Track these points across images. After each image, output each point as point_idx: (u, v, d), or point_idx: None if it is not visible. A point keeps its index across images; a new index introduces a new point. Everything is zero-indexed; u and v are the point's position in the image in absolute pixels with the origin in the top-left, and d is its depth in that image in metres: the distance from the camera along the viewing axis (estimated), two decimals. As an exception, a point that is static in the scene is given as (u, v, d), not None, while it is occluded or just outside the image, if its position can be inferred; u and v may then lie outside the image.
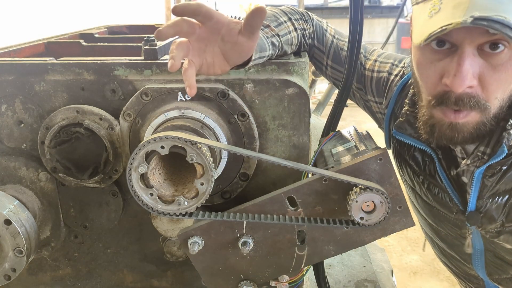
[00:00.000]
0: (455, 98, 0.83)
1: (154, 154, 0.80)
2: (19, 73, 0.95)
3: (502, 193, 0.95)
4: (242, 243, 0.87)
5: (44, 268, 1.09)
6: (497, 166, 0.93)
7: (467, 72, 0.80)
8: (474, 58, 0.81)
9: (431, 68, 0.86)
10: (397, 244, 3.41)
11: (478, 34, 0.79)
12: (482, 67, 0.82)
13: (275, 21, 1.02)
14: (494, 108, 0.86)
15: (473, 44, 0.80)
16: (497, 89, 0.83)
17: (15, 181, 0.99)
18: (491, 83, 0.82)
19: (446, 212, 1.06)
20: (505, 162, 0.92)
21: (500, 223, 0.96)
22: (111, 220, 1.03)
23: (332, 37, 1.16)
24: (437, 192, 1.05)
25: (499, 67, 0.81)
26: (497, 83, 0.82)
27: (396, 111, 1.10)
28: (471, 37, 0.80)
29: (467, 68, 0.80)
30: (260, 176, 0.99)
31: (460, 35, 0.80)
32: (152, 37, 1.00)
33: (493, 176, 0.94)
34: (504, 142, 0.90)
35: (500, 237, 0.99)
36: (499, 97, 0.85)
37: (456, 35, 0.81)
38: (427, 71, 0.88)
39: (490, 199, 0.96)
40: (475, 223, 0.99)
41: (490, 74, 0.82)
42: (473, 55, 0.81)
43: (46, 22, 3.32)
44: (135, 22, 1.77)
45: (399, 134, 1.04)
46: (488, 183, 0.95)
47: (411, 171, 1.09)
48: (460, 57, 0.81)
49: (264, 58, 0.91)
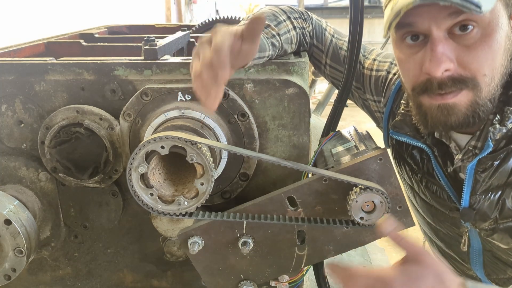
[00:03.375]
0: (437, 84, 0.85)
1: (154, 154, 0.80)
2: (19, 73, 0.95)
3: (495, 188, 0.95)
4: (242, 243, 0.87)
5: (44, 268, 1.09)
6: (488, 161, 0.93)
7: (441, 55, 0.83)
8: (446, 41, 0.84)
9: (410, 62, 0.89)
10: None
11: (442, 19, 0.82)
12: (457, 49, 0.84)
13: (274, 20, 1.02)
14: (486, 85, 0.86)
15: (441, 29, 0.83)
16: (480, 67, 0.84)
17: (15, 181, 0.99)
18: (471, 62, 0.84)
19: (444, 211, 1.06)
20: (497, 157, 0.92)
21: (494, 220, 0.96)
22: (111, 220, 1.03)
23: (331, 36, 1.16)
24: (435, 190, 1.05)
25: (473, 46, 0.83)
26: (477, 61, 0.84)
27: (394, 109, 1.10)
28: (436, 23, 0.83)
29: (440, 51, 0.83)
30: (260, 176, 0.99)
31: (425, 23, 0.83)
32: (152, 37, 1.00)
33: (485, 171, 0.94)
34: (489, 136, 0.90)
35: (494, 236, 0.99)
36: (488, 73, 0.85)
37: (421, 24, 0.84)
38: (407, 65, 0.91)
39: (483, 195, 0.96)
40: (468, 220, 0.99)
41: (466, 53, 0.84)
42: (445, 39, 0.84)
43: (46, 22, 3.32)
44: (135, 22, 1.77)
45: (395, 133, 1.05)
46: (480, 178, 0.95)
47: (410, 169, 1.10)
48: (432, 43, 0.84)
49: (264, 58, 0.91)
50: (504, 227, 0.96)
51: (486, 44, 0.83)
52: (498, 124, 0.90)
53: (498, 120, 0.90)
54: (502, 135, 0.91)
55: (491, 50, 0.84)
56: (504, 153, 0.92)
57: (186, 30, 1.31)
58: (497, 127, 0.90)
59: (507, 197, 0.94)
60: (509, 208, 0.94)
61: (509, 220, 0.95)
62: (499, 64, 0.86)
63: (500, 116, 0.90)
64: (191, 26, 1.59)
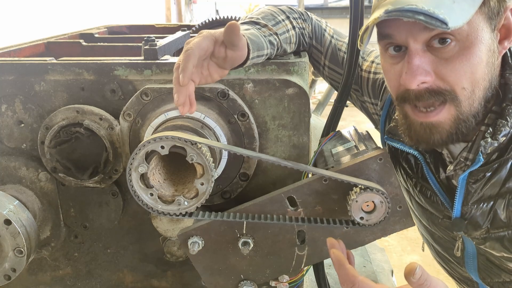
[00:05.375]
0: (414, 95, 0.85)
1: (154, 154, 0.80)
2: (19, 73, 0.95)
3: (487, 199, 0.94)
4: (242, 243, 0.87)
5: (44, 268, 1.09)
6: (480, 173, 0.92)
7: (416, 68, 0.83)
8: (423, 54, 0.83)
9: (391, 71, 0.90)
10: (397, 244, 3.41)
11: (418, 31, 0.82)
12: (435, 62, 0.83)
13: (272, 20, 1.02)
14: (465, 99, 0.85)
15: (418, 42, 0.83)
16: (459, 79, 0.83)
17: (15, 181, 0.99)
18: (449, 74, 0.83)
19: (439, 215, 1.06)
20: (489, 169, 0.92)
21: (485, 229, 0.96)
22: (111, 220, 1.03)
23: (330, 37, 1.16)
24: (429, 195, 1.05)
25: (451, 59, 0.83)
26: (455, 74, 0.83)
27: (391, 113, 1.10)
28: (412, 35, 0.83)
29: (416, 64, 0.83)
30: (260, 176, 0.99)
31: (403, 35, 0.84)
32: (152, 37, 1.00)
33: (477, 182, 0.93)
34: (480, 150, 0.89)
35: (486, 244, 0.98)
36: (467, 87, 0.84)
37: (399, 36, 0.84)
38: (389, 75, 0.91)
39: (475, 205, 0.95)
40: (459, 230, 0.99)
41: (444, 66, 0.83)
42: (422, 51, 0.83)
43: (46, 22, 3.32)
44: (135, 22, 1.77)
45: (389, 139, 1.04)
46: (472, 189, 0.94)
47: (405, 173, 1.09)
48: (409, 55, 0.84)
49: (262, 57, 0.91)
50: (495, 236, 0.96)
51: (465, 57, 0.82)
52: (490, 138, 0.89)
53: (490, 133, 0.89)
54: (493, 148, 0.90)
55: (470, 64, 0.83)
56: (497, 164, 0.91)
57: (186, 30, 1.31)
58: (489, 141, 0.88)
59: (498, 208, 0.93)
60: (500, 219, 0.93)
61: (500, 230, 0.95)
62: (480, 78, 0.85)
63: (492, 129, 0.89)
64: (191, 26, 1.59)
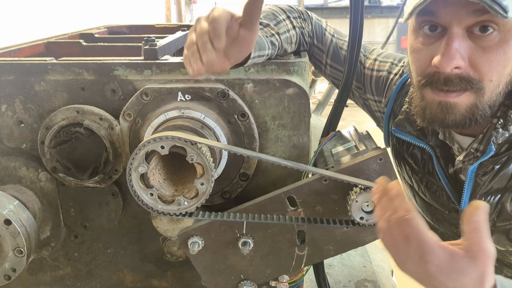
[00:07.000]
0: (444, 79, 0.84)
1: (154, 154, 0.80)
2: (19, 73, 0.95)
3: (495, 192, 0.95)
4: (242, 243, 0.87)
5: (44, 268, 1.09)
6: (489, 165, 0.93)
7: (455, 52, 0.82)
8: (463, 39, 0.83)
9: (423, 51, 0.88)
10: (397, 244, 3.40)
11: (465, 15, 0.81)
12: (472, 48, 0.83)
13: (273, 19, 1.02)
14: (489, 91, 0.85)
15: (461, 26, 0.82)
16: (490, 71, 0.83)
17: (15, 181, 0.99)
18: (483, 65, 0.83)
19: (444, 211, 1.06)
20: (498, 161, 0.92)
21: (492, 222, 0.96)
22: (111, 220, 1.03)
23: (331, 36, 1.16)
24: (435, 190, 1.05)
25: (489, 49, 0.82)
26: (489, 65, 0.83)
27: (395, 109, 1.11)
28: (458, 18, 0.82)
29: (455, 48, 0.82)
30: (260, 176, 0.99)
31: (447, 16, 0.82)
32: (152, 37, 1.00)
33: (486, 174, 0.94)
34: (492, 140, 0.90)
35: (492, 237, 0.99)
36: (494, 79, 0.84)
37: (444, 15, 0.83)
38: (419, 54, 0.89)
39: (482, 198, 0.96)
40: None
41: (480, 55, 0.83)
42: (462, 37, 0.83)
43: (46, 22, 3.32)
44: (135, 22, 1.77)
45: (398, 131, 1.05)
46: (480, 181, 0.95)
47: (410, 169, 1.10)
48: (449, 38, 0.83)
49: (263, 57, 0.91)
50: (502, 229, 0.96)
51: (502, 49, 0.82)
52: (501, 129, 0.90)
53: (501, 124, 0.90)
54: (504, 139, 0.91)
55: (505, 57, 0.83)
56: (506, 157, 0.92)
57: (186, 30, 1.31)
58: (500, 132, 0.90)
59: (506, 201, 0.94)
60: (507, 212, 0.94)
61: (506, 223, 0.95)
62: (508, 73, 0.85)
63: (503, 120, 0.90)
64: (191, 26, 1.58)
